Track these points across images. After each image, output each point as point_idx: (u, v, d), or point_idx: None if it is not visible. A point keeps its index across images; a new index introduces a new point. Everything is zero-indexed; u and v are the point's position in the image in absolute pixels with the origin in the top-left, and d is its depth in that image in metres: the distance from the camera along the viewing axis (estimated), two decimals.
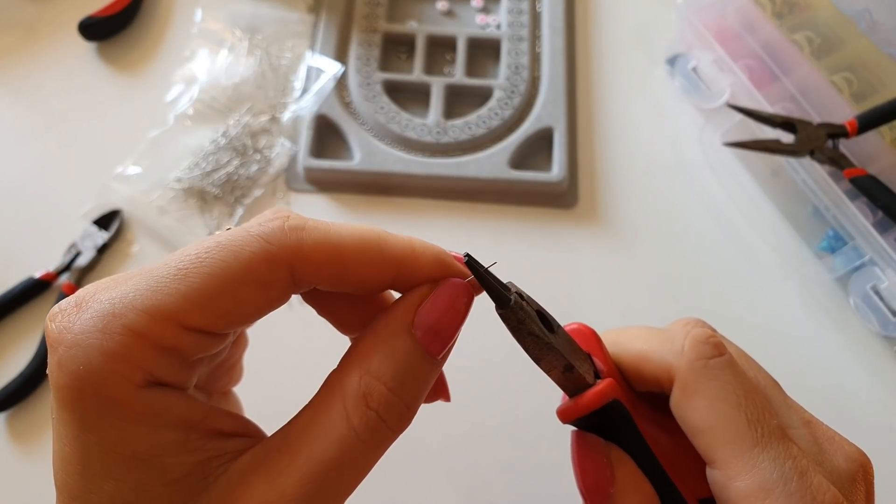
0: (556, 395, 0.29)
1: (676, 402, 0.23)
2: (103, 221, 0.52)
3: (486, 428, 0.46)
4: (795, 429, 0.23)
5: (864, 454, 0.23)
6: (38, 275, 0.49)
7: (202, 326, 0.19)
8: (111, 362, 0.18)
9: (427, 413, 0.46)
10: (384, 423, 0.20)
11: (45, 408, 0.46)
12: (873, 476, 0.24)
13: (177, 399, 0.19)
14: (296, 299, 0.28)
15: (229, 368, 0.28)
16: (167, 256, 0.19)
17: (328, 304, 0.25)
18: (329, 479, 0.19)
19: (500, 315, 0.22)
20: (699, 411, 0.23)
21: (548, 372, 0.23)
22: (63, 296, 0.48)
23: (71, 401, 0.18)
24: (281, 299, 0.21)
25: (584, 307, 0.49)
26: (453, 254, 0.23)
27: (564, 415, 0.24)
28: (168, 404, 0.19)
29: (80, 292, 0.19)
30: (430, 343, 0.21)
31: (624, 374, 0.26)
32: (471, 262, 0.22)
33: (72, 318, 0.18)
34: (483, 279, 0.22)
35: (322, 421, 0.20)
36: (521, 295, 0.23)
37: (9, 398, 0.45)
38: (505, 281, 0.23)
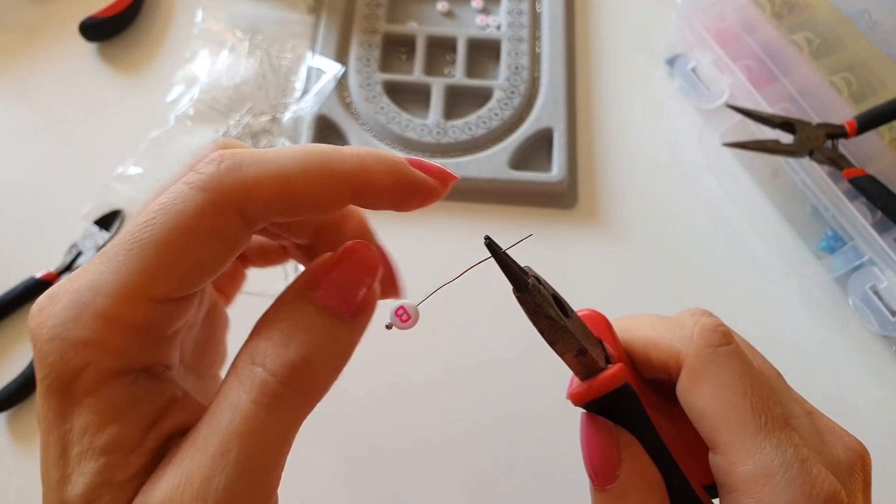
0: (559, 391, 0.29)
1: (683, 387, 0.24)
2: (104, 222, 0.52)
3: (490, 424, 0.46)
4: (797, 418, 0.24)
5: (863, 445, 0.24)
6: (39, 275, 0.49)
7: (169, 294, 0.19)
8: (85, 351, 0.18)
9: (430, 411, 0.46)
10: (290, 389, 0.19)
11: None
12: (871, 467, 0.24)
13: (146, 390, 0.19)
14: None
15: (213, 346, 0.28)
16: (123, 230, 0.19)
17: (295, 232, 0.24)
18: (241, 457, 0.18)
19: (518, 298, 0.22)
20: (705, 397, 0.23)
21: (562, 355, 0.24)
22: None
23: (49, 392, 0.18)
24: (239, 243, 0.20)
25: (584, 307, 0.49)
26: (411, 159, 0.22)
27: (577, 397, 0.25)
28: (135, 397, 0.19)
29: (53, 287, 0.19)
30: (330, 301, 0.20)
31: (633, 360, 0.26)
32: (490, 244, 0.22)
33: (47, 312, 0.18)
34: (502, 262, 0.22)
35: (228, 398, 0.19)
36: (538, 279, 0.23)
37: (9, 398, 0.45)
38: (523, 265, 0.23)
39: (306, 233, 0.25)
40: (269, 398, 0.19)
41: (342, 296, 0.21)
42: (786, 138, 0.50)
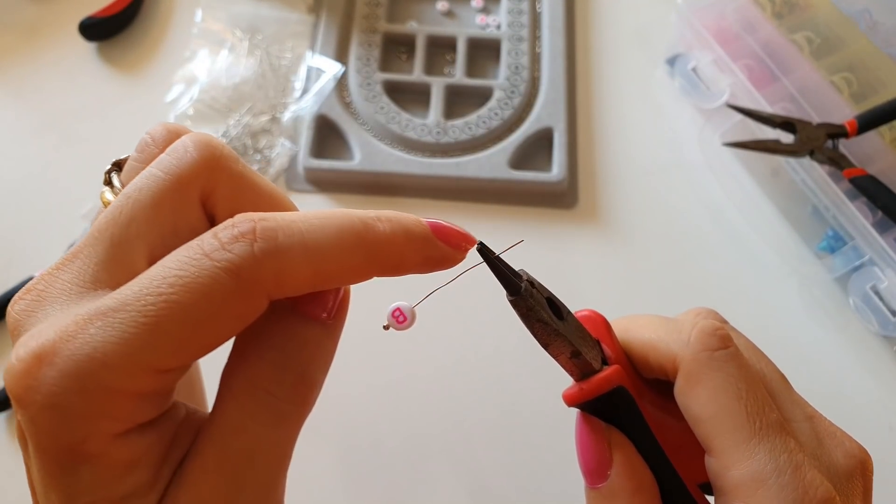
0: (557, 391, 0.29)
1: (680, 390, 0.24)
2: None
3: (488, 423, 0.46)
4: (797, 422, 0.24)
5: (864, 451, 0.24)
6: (38, 274, 0.49)
7: (180, 365, 0.18)
8: (90, 422, 0.17)
9: (429, 411, 0.46)
10: (279, 399, 0.19)
11: None
12: (872, 473, 0.24)
13: (152, 436, 0.19)
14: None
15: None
16: (127, 289, 0.18)
17: None
18: (237, 468, 0.19)
19: (511, 302, 0.23)
20: (700, 401, 0.23)
21: (556, 357, 0.24)
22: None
23: (48, 453, 0.18)
24: (257, 316, 0.19)
25: (584, 307, 0.49)
26: (436, 225, 0.22)
27: (570, 399, 0.25)
28: (144, 447, 0.19)
29: (35, 342, 0.17)
30: (305, 307, 0.20)
31: (632, 361, 0.26)
32: (483, 249, 0.22)
33: (36, 375, 0.17)
34: (495, 267, 0.22)
35: (221, 414, 0.19)
36: (531, 283, 0.23)
37: (9, 398, 0.45)
38: (517, 269, 0.23)
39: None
40: (274, 417, 0.19)
41: (321, 300, 0.20)
42: (786, 138, 0.50)
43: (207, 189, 0.20)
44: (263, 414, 0.19)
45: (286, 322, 0.20)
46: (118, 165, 0.23)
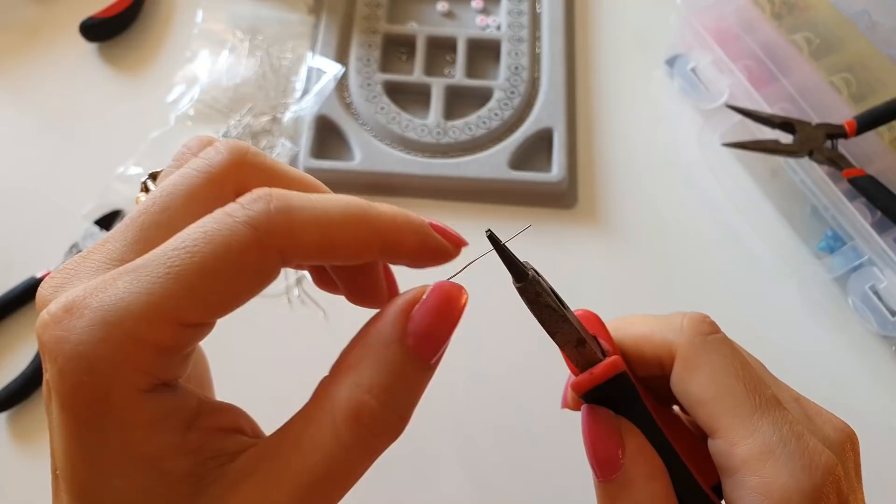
0: (560, 393, 0.29)
1: (678, 377, 0.24)
2: (105, 222, 0.52)
3: (493, 426, 0.46)
4: (786, 403, 0.24)
5: (850, 426, 0.25)
6: (39, 275, 0.49)
7: (199, 320, 0.19)
8: (116, 371, 0.18)
9: (432, 412, 0.46)
10: (376, 436, 0.20)
11: None
12: (859, 448, 0.25)
13: (175, 399, 0.20)
14: (296, 300, 0.29)
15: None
16: (153, 251, 0.19)
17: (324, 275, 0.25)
18: (319, 489, 0.20)
19: (518, 289, 0.23)
20: (700, 384, 0.24)
21: (562, 346, 0.24)
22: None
23: (74, 407, 0.18)
24: (271, 279, 0.21)
25: (584, 307, 0.49)
26: (433, 223, 0.23)
27: (579, 386, 0.25)
28: (168, 407, 0.19)
29: (65, 297, 0.18)
30: (422, 350, 0.21)
31: (626, 359, 0.26)
32: (492, 236, 0.22)
33: (66, 326, 0.18)
34: (502, 253, 0.23)
35: (312, 432, 0.20)
36: (537, 273, 0.23)
37: (10, 398, 0.45)
38: (522, 260, 0.23)
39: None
40: (367, 452, 0.20)
41: (434, 345, 0.21)
42: (785, 138, 0.50)
43: (240, 184, 0.21)
44: (358, 448, 0.20)
45: (393, 352, 0.21)
46: (153, 176, 0.24)
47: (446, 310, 0.21)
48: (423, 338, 0.21)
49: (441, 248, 0.23)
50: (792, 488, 0.21)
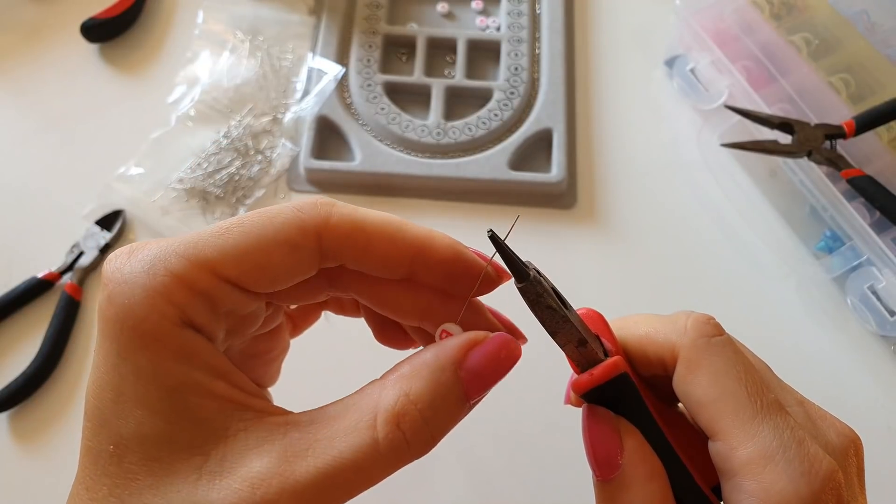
0: (561, 394, 0.29)
1: (680, 378, 0.24)
2: (106, 222, 0.52)
3: (493, 427, 0.46)
4: (790, 407, 0.24)
5: (854, 432, 0.25)
6: (40, 275, 0.50)
7: (234, 278, 0.21)
8: (152, 298, 0.20)
9: None
10: (408, 445, 0.21)
11: (48, 407, 0.47)
12: (863, 453, 0.25)
13: (206, 344, 0.21)
14: (333, 318, 0.29)
15: (268, 362, 0.29)
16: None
17: (364, 292, 0.26)
18: (339, 479, 0.20)
19: (520, 289, 0.23)
20: (702, 386, 0.24)
21: (563, 346, 0.24)
22: (66, 296, 0.49)
23: (114, 331, 0.20)
24: (309, 265, 0.22)
25: (584, 306, 0.49)
26: (472, 250, 0.25)
27: (579, 386, 0.25)
28: (197, 346, 0.21)
29: (134, 243, 0.22)
30: (471, 386, 0.22)
31: (630, 358, 0.26)
32: (494, 237, 0.23)
33: (123, 261, 0.21)
34: (504, 253, 0.23)
35: (350, 422, 0.21)
36: (538, 272, 0.24)
37: (11, 397, 0.46)
38: (524, 260, 0.24)
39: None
40: (394, 457, 0.21)
41: (482, 385, 0.23)
42: (784, 139, 0.50)
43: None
44: (387, 450, 0.20)
45: (447, 377, 0.22)
46: None
47: (503, 356, 0.23)
48: (475, 375, 0.22)
49: (474, 262, 0.24)
50: (790, 494, 0.21)
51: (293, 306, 0.29)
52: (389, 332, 0.28)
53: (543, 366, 0.35)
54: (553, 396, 0.27)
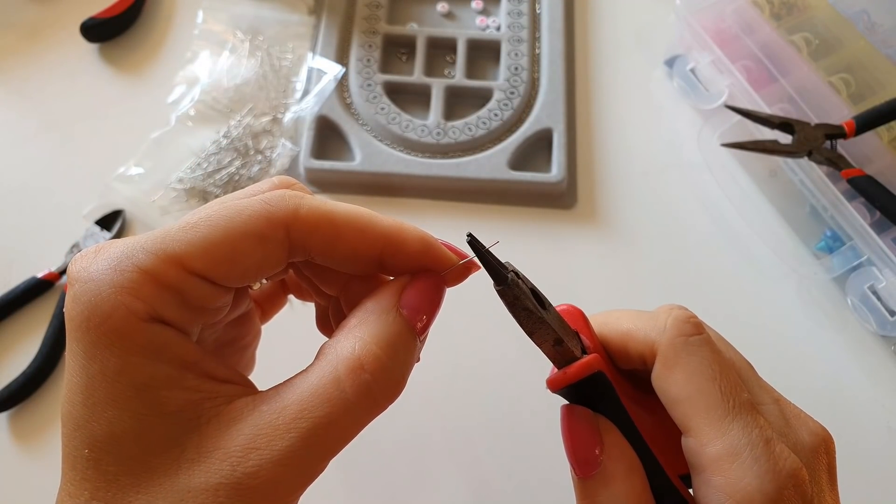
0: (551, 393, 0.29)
1: (657, 374, 0.25)
2: (105, 222, 0.52)
3: (487, 423, 0.46)
4: (765, 405, 0.25)
5: (826, 431, 0.25)
6: (40, 275, 0.50)
7: (203, 271, 0.21)
8: (118, 294, 0.20)
9: (429, 410, 0.46)
10: (374, 387, 0.21)
11: (48, 407, 0.47)
12: (835, 451, 0.25)
13: (174, 337, 0.21)
14: (297, 303, 0.29)
15: (242, 349, 0.29)
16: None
17: (323, 280, 0.26)
18: (314, 439, 0.20)
19: (498, 291, 0.24)
20: (677, 383, 0.24)
21: (540, 345, 0.25)
22: (66, 296, 0.49)
23: (80, 331, 0.20)
24: (277, 259, 0.22)
25: (582, 306, 0.49)
26: (442, 242, 0.25)
27: (553, 384, 0.26)
28: (166, 340, 0.20)
29: (101, 243, 0.22)
30: (415, 321, 0.23)
31: (610, 353, 0.27)
32: (473, 241, 0.23)
33: (90, 260, 0.21)
34: (483, 258, 0.23)
35: (313, 381, 0.21)
36: (517, 274, 0.24)
37: (11, 397, 0.46)
38: (503, 261, 0.24)
39: (335, 284, 0.27)
40: (364, 404, 0.21)
41: (424, 315, 0.23)
42: (784, 139, 0.50)
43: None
44: (358, 398, 0.21)
45: (396, 325, 0.23)
46: None
47: (432, 287, 0.24)
48: (416, 310, 0.23)
49: (446, 257, 0.24)
50: (755, 490, 0.22)
51: (256, 286, 0.30)
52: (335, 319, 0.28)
53: (542, 366, 0.35)
54: (550, 393, 0.27)
